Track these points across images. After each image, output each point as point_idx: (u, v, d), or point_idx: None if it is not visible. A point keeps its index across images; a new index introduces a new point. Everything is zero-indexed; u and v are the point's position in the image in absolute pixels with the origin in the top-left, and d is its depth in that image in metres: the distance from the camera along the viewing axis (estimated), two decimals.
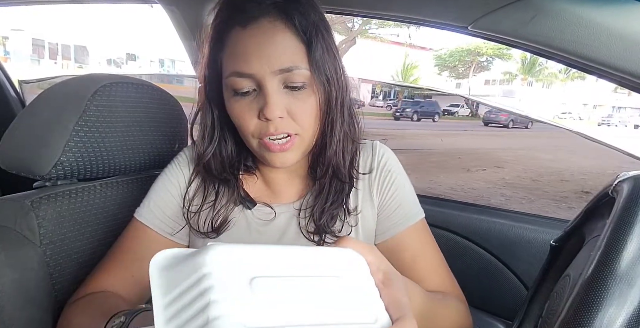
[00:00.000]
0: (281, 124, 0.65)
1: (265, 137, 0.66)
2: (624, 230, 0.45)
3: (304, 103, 0.66)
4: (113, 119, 0.83)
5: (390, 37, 30.30)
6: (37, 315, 0.72)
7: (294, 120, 0.66)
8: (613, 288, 0.42)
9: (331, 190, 0.75)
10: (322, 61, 0.65)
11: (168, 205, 0.76)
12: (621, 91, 29.37)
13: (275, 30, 0.63)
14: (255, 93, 0.65)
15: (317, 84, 0.65)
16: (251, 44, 0.63)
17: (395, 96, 30.64)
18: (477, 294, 1.25)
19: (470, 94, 32.26)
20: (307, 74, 0.64)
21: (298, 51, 0.64)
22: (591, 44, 0.69)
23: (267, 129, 0.65)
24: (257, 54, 0.62)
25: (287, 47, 0.63)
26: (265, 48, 0.62)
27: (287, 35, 0.63)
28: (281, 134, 0.65)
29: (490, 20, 0.77)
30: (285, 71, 0.63)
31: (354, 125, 0.75)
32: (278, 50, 0.62)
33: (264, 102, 0.63)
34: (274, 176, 0.79)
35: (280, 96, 0.64)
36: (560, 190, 6.19)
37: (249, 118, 0.66)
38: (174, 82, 8.25)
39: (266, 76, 0.62)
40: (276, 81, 0.64)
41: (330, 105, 0.68)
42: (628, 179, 0.53)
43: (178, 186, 0.78)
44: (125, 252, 0.74)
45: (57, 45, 28.14)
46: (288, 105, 0.65)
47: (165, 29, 1.47)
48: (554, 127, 11.32)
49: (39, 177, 0.77)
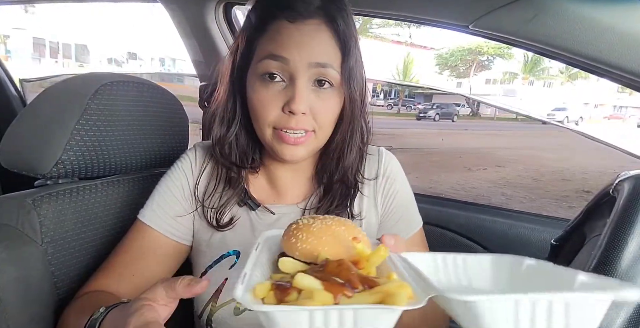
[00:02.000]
0: (302, 119, 0.67)
1: (284, 129, 0.67)
2: (624, 229, 0.46)
3: (328, 103, 0.68)
4: (114, 118, 0.83)
5: (391, 36, 30.27)
6: (39, 312, 0.72)
7: (314, 119, 0.68)
8: None
9: (337, 193, 0.76)
10: (352, 69, 0.68)
11: (172, 207, 0.76)
12: (622, 90, 29.34)
13: (319, 31, 0.66)
14: (284, 84, 0.67)
15: (343, 88, 0.68)
16: (294, 35, 0.66)
17: (396, 95, 30.62)
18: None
19: (471, 93, 32.22)
20: (336, 76, 0.67)
21: (334, 54, 0.67)
22: (592, 43, 0.69)
23: (287, 122, 0.66)
24: (297, 44, 0.65)
25: (326, 46, 0.67)
26: (306, 41, 0.65)
27: (328, 37, 0.67)
28: (300, 129, 0.67)
29: (491, 19, 0.77)
30: (319, 66, 0.66)
31: (367, 132, 0.77)
32: (318, 46, 0.66)
33: (292, 95, 0.65)
34: (279, 175, 0.79)
35: (308, 92, 0.66)
36: (561, 189, 6.19)
37: (272, 107, 0.67)
38: (174, 81, 8.26)
39: (300, 67, 0.65)
40: (307, 76, 0.66)
41: (353, 111, 0.71)
42: (629, 178, 0.53)
43: (181, 188, 0.78)
44: (127, 252, 0.74)
45: (58, 44, 28.16)
46: (312, 103, 0.67)
47: (166, 27, 1.48)
48: (554, 127, 11.30)
49: (40, 176, 0.77)
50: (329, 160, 0.76)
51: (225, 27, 1.35)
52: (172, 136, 0.98)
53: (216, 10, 1.30)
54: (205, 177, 0.79)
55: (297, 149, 0.69)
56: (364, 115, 0.74)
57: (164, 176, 0.80)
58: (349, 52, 0.67)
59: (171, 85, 4.17)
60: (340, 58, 0.67)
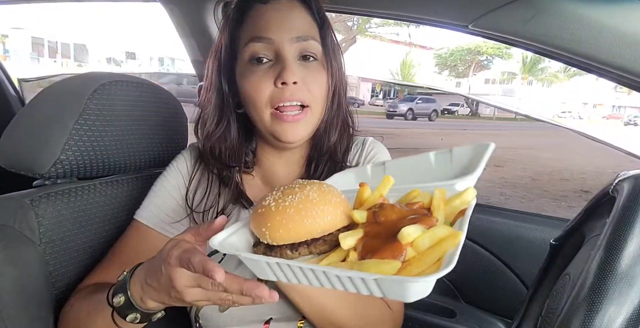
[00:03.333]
0: (296, 90, 0.69)
1: (280, 103, 0.69)
2: (624, 229, 0.45)
3: (316, 74, 0.71)
4: (113, 118, 0.82)
5: (390, 36, 30.28)
6: (38, 312, 0.72)
7: (307, 90, 0.70)
8: (613, 287, 0.42)
9: (325, 169, 0.78)
10: (330, 42, 0.73)
11: (168, 205, 0.78)
12: (621, 90, 29.38)
13: (293, 7, 0.71)
14: (271, 63, 0.70)
15: (326, 60, 0.72)
16: (272, 15, 0.69)
17: (396, 95, 30.61)
18: (477, 293, 1.26)
19: (470, 93, 32.23)
20: (319, 48, 0.71)
21: (312, 27, 0.72)
22: (591, 42, 0.69)
23: (282, 94, 0.68)
24: (277, 23, 0.69)
25: (304, 20, 0.71)
26: (284, 18, 0.70)
27: (303, 12, 0.71)
28: (295, 100, 0.69)
29: (491, 19, 0.77)
30: (301, 40, 0.69)
31: (351, 117, 0.81)
32: (296, 21, 0.70)
33: (281, 68, 0.68)
34: (275, 170, 0.80)
35: (296, 65, 0.69)
36: (560, 189, 6.19)
37: (265, 86, 0.69)
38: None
39: (284, 43, 0.68)
40: (292, 50, 0.69)
41: (336, 86, 0.74)
42: (628, 178, 0.53)
43: (177, 186, 0.79)
44: (125, 250, 0.75)
45: (56, 43, 28.10)
46: (302, 75, 0.70)
47: (165, 27, 1.47)
48: (554, 126, 11.31)
49: (39, 176, 0.76)
50: (320, 145, 0.78)
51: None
52: (171, 136, 0.98)
53: (215, 10, 1.30)
54: (199, 176, 0.80)
55: (298, 128, 0.70)
56: (346, 99, 0.78)
57: (160, 176, 0.81)
58: (325, 24, 0.72)
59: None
60: (318, 31, 0.72)
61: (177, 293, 0.48)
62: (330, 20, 0.74)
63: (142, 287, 0.53)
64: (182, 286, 0.48)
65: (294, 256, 0.44)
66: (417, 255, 0.38)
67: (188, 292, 0.48)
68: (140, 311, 0.55)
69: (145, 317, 0.56)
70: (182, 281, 0.47)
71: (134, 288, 0.54)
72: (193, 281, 0.48)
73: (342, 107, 0.77)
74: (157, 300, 0.53)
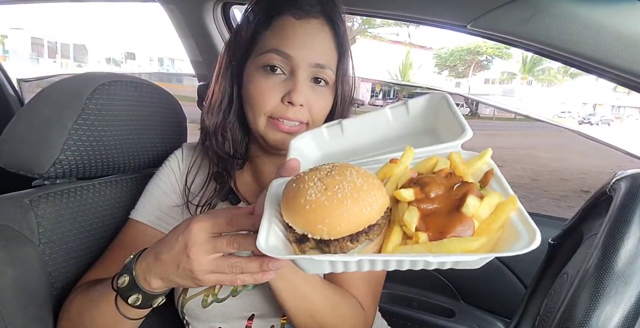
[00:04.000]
0: (299, 111, 0.71)
1: (280, 119, 0.71)
2: (621, 228, 0.46)
3: (322, 99, 0.73)
4: (112, 118, 0.82)
5: (390, 36, 30.28)
6: (37, 312, 0.72)
7: (309, 112, 0.72)
8: (610, 285, 0.42)
9: None
10: (346, 71, 0.74)
11: (161, 202, 0.80)
12: (620, 90, 29.36)
13: (322, 31, 0.72)
14: (284, 77, 0.71)
15: (336, 87, 0.74)
16: (300, 33, 0.70)
17: (395, 95, 30.62)
18: (476, 292, 1.26)
19: (470, 93, 32.23)
20: (332, 76, 0.73)
21: (332, 55, 0.73)
22: (590, 42, 0.69)
23: (285, 112, 0.70)
24: (302, 43, 0.70)
25: (327, 48, 0.72)
26: (311, 41, 0.70)
27: (328, 38, 0.72)
28: (296, 120, 0.71)
29: (489, 19, 0.77)
30: (319, 66, 0.71)
31: None
32: (320, 47, 0.71)
33: (292, 87, 0.69)
34: (265, 169, 0.81)
35: (306, 86, 0.71)
36: (560, 189, 6.20)
37: (271, 96, 0.70)
38: (173, 81, 8.24)
39: (302, 65, 0.70)
40: (307, 73, 0.71)
41: (343, 108, 0.77)
42: (625, 177, 0.53)
43: (170, 184, 0.81)
44: (122, 248, 0.76)
45: (56, 44, 28.10)
46: (309, 97, 0.71)
47: (164, 27, 1.47)
48: (553, 126, 11.31)
49: (38, 176, 0.76)
50: None
51: (223, 26, 1.34)
52: (170, 136, 0.98)
53: (214, 10, 1.30)
54: (193, 174, 0.82)
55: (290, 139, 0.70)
56: (349, 112, 0.80)
57: (153, 176, 0.83)
58: (345, 53, 0.73)
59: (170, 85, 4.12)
60: (337, 59, 0.73)
61: (187, 263, 0.50)
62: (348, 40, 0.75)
63: (148, 264, 0.54)
64: (196, 252, 0.49)
65: (354, 246, 0.43)
66: (481, 224, 0.39)
67: (199, 261, 0.49)
68: (142, 291, 0.56)
69: (146, 300, 0.56)
70: (198, 245, 0.49)
71: (139, 267, 0.55)
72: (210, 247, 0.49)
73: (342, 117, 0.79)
74: (162, 276, 0.53)
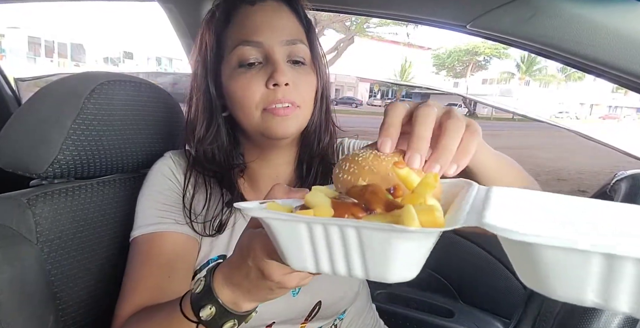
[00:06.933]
0: (287, 91, 0.68)
1: (272, 105, 0.68)
2: None
3: (306, 77, 0.71)
4: (110, 117, 0.82)
5: (389, 36, 30.31)
6: (35, 312, 0.71)
7: (298, 92, 0.69)
8: None
9: (318, 172, 0.78)
10: (317, 46, 0.74)
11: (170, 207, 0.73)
12: (617, 91, 29.46)
13: (281, 9, 0.71)
14: (260, 66, 0.69)
15: (314, 63, 0.72)
16: (260, 18, 0.69)
17: (393, 95, 30.67)
18: (476, 293, 1.26)
19: (468, 93, 32.29)
20: (307, 51, 0.71)
21: (300, 30, 0.72)
22: (589, 42, 0.69)
23: (274, 95, 0.67)
24: (266, 26, 0.68)
25: (291, 23, 0.71)
26: (273, 21, 0.69)
27: (290, 15, 0.71)
28: (287, 102, 0.68)
29: (489, 19, 0.77)
30: (290, 43, 0.69)
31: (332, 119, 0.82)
32: (284, 24, 0.70)
33: (272, 70, 0.67)
34: (261, 172, 0.79)
35: (286, 67, 0.69)
36: (557, 189, 6.21)
37: (255, 88, 0.68)
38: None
39: (274, 46, 0.68)
40: (281, 52, 0.69)
41: (324, 89, 0.75)
42: (626, 178, 0.53)
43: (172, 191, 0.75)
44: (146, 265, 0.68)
45: (53, 43, 28.01)
46: (293, 77, 0.69)
47: (162, 27, 1.47)
48: (551, 126, 11.34)
49: (36, 176, 0.76)
50: (309, 146, 0.78)
51: None
52: (169, 136, 0.97)
53: None
54: (190, 191, 0.75)
55: (288, 122, 0.69)
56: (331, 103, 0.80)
57: (146, 188, 0.76)
58: (311, 28, 0.73)
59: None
60: (305, 35, 0.73)
61: (277, 284, 0.43)
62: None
63: (232, 291, 0.48)
64: (279, 275, 0.42)
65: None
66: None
67: (289, 278, 0.43)
68: (237, 316, 0.49)
69: (241, 321, 0.50)
70: (277, 270, 0.42)
71: (224, 294, 0.48)
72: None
73: (329, 109, 0.78)
74: (255, 300, 0.48)
